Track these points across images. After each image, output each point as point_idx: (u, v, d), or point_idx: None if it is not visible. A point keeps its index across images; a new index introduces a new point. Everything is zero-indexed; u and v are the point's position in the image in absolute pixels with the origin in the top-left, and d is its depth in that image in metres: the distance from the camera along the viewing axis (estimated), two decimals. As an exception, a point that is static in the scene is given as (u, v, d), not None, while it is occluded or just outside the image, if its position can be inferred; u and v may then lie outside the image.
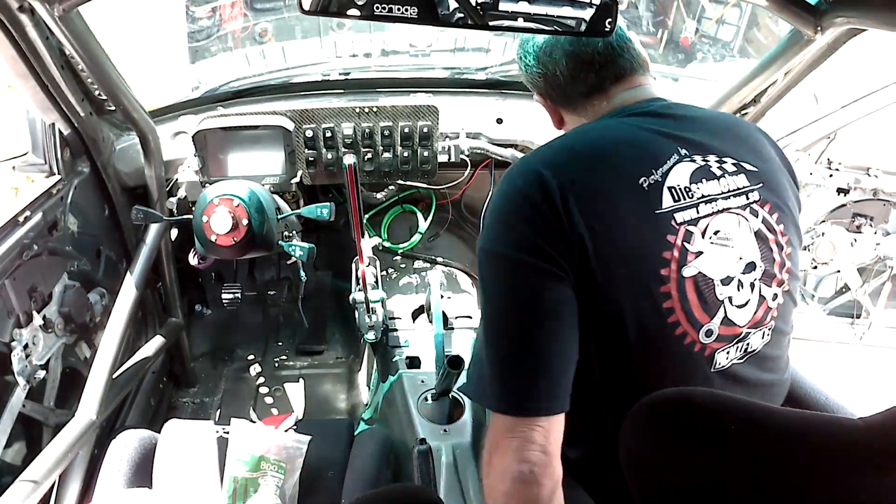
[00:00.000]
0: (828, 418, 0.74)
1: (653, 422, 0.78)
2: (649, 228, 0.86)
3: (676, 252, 0.86)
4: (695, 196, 0.89)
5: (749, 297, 0.92)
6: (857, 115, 1.85)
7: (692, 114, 0.99)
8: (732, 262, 0.91)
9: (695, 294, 0.88)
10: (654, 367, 0.90)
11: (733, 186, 0.93)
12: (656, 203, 0.87)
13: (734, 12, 3.57)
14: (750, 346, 0.95)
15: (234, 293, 1.98)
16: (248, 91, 1.93)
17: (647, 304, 0.86)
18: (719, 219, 0.90)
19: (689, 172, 0.90)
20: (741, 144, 0.97)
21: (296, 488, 1.35)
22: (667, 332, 0.88)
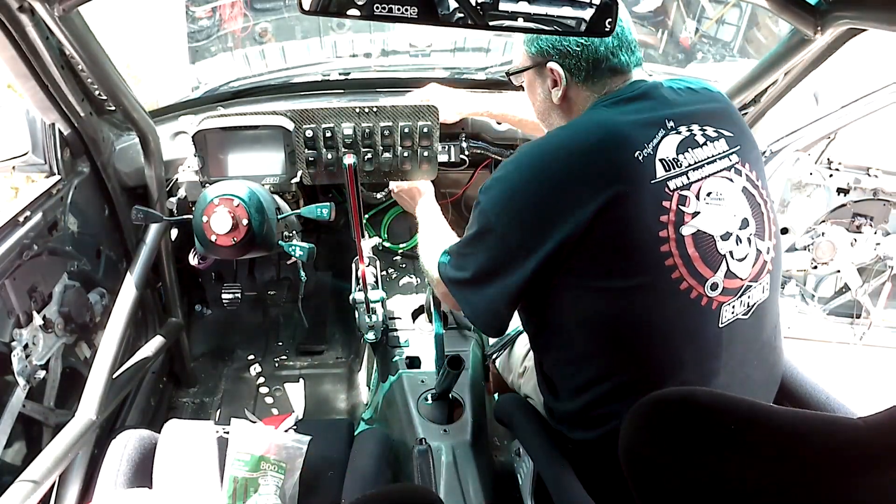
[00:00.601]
0: (828, 418, 0.74)
1: (653, 421, 0.78)
2: (647, 197, 0.95)
3: (672, 215, 0.95)
4: (683, 165, 0.99)
5: (748, 250, 1.01)
6: (857, 115, 1.85)
7: (676, 88, 1.08)
8: (728, 218, 0.99)
9: (695, 250, 0.96)
10: (667, 326, 0.97)
11: (717, 151, 1.02)
12: (651, 174, 0.96)
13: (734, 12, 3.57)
14: (751, 300, 1.02)
15: (234, 293, 1.98)
16: (248, 91, 1.93)
17: (651, 267, 0.95)
18: (709, 182, 1.00)
19: (676, 144, 0.99)
20: (719, 113, 1.07)
21: (296, 488, 1.35)
22: (672, 288, 0.95)
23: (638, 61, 1.11)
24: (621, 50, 1.08)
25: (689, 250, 0.95)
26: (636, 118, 1.01)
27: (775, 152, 1.94)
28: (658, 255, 0.94)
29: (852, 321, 2.27)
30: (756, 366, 1.06)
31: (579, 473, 1.07)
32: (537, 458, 1.14)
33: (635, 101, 1.05)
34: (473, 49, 2.41)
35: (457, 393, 1.59)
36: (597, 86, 1.10)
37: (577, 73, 1.10)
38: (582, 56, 1.08)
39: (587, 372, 1.04)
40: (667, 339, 0.97)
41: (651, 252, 0.95)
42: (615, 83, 1.10)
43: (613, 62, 1.08)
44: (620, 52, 1.08)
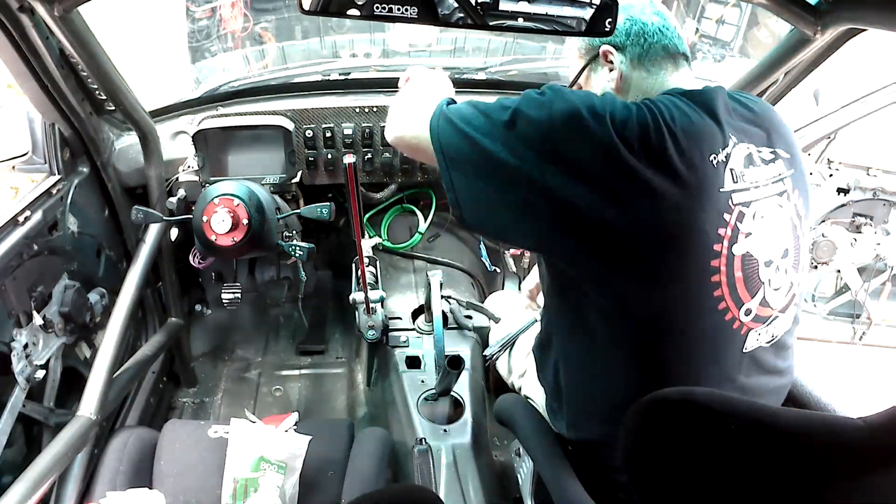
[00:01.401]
0: (829, 418, 0.74)
1: (654, 421, 0.78)
2: (712, 205, 0.88)
3: (730, 230, 0.90)
4: (747, 181, 0.92)
5: (783, 281, 0.97)
6: (857, 115, 1.85)
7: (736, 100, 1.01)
8: (773, 245, 0.95)
9: (741, 272, 0.92)
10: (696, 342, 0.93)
11: (773, 174, 0.96)
12: (720, 182, 0.89)
13: (734, 12, 3.57)
14: (776, 331, 1.00)
15: (234, 293, 1.98)
16: (248, 91, 1.93)
17: (697, 278, 0.89)
18: (764, 203, 0.94)
19: (743, 156, 0.93)
20: (775, 132, 1.00)
21: (296, 488, 1.35)
22: (712, 305, 0.91)
23: (685, 51, 1.05)
24: (669, 31, 1.03)
25: (735, 271, 0.91)
26: (713, 119, 0.92)
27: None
28: (707, 269, 0.89)
29: (852, 321, 2.27)
30: (767, 391, 1.04)
31: (579, 473, 1.07)
32: (537, 458, 1.14)
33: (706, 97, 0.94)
34: (473, 49, 2.41)
35: (457, 393, 1.59)
36: (654, 67, 1.03)
37: (630, 52, 1.04)
38: (632, 32, 1.03)
39: (602, 371, 1.00)
40: (691, 355, 0.94)
41: (701, 263, 0.89)
42: (670, 69, 1.03)
43: (664, 41, 1.03)
44: (669, 32, 1.03)
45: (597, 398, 1.04)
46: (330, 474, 1.37)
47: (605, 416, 1.03)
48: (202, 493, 1.34)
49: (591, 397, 1.06)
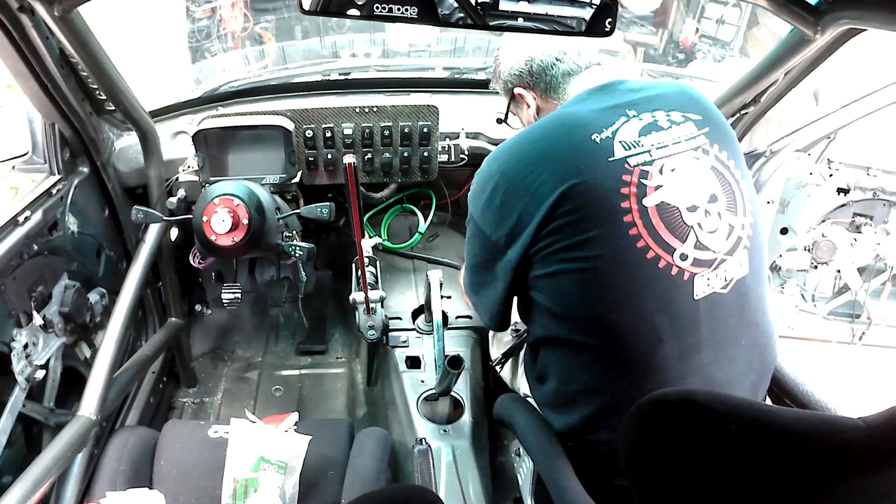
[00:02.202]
0: (829, 418, 0.75)
1: (654, 421, 0.78)
2: (604, 172, 1.00)
3: (634, 188, 0.99)
4: (645, 145, 1.03)
5: (718, 224, 1.03)
6: (857, 115, 1.84)
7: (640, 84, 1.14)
8: (694, 192, 1.02)
9: (660, 221, 0.99)
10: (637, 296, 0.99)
11: (682, 134, 1.06)
12: (609, 153, 1.01)
13: (734, 12, 3.57)
14: (728, 274, 1.03)
15: (234, 293, 1.98)
16: (248, 91, 1.93)
17: (615, 235, 0.98)
18: (674, 159, 1.04)
19: (638, 128, 1.04)
20: (685, 99, 1.13)
21: (296, 488, 1.35)
22: (638, 256, 0.98)
23: (589, 62, 1.19)
24: (566, 55, 1.17)
25: (653, 220, 0.98)
26: (596, 107, 1.07)
27: (775, 152, 1.94)
28: (621, 226, 0.98)
29: (852, 321, 2.26)
30: (744, 346, 1.07)
31: (579, 473, 1.07)
32: (537, 459, 1.14)
33: (596, 94, 1.12)
34: (473, 49, 2.41)
35: (457, 393, 1.59)
36: (559, 92, 1.20)
37: (536, 87, 1.22)
38: (532, 70, 1.20)
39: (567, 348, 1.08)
40: (638, 308, 0.99)
41: (613, 223, 0.98)
42: (576, 85, 1.18)
43: (563, 67, 1.18)
44: (565, 56, 1.17)
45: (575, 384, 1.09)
46: (330, 474, 1.37)
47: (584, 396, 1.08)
48: (202, 493, 1.34)
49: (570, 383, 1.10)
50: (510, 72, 1.24)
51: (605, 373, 1.04)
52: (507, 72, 1.25)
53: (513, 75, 1.24)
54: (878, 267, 2.20)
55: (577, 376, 1.08)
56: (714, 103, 1.61)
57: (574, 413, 1.10)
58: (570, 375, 1.10)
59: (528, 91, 1.23)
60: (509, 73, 1.24)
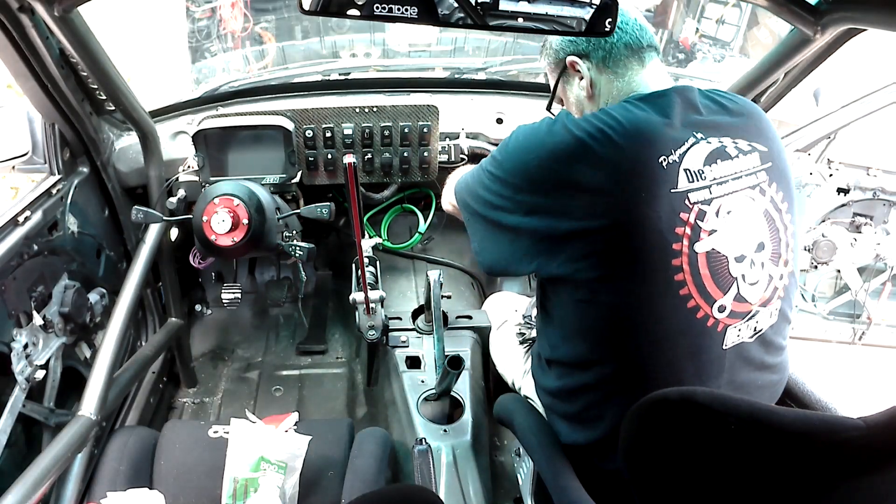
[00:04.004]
0: (829, 418, 0.74)
1: (654, 421, 0.78)
2: (665, 205, 0.91)
3: (689, 229, 0.92)
4: (707, 178, 0.95)
5: (759, 275, 0.98)
6: (857, 115, 1.85)
7: (710, 97, 1.04)
8: (745, 240, 0.96)
9: (707, 270, 0.93)
10: (668, 343, 0.95)
11: (745, 167, 0.98)
12: (672, 183, 0.92)
13: (734, 12, 3.57)
14: (758, 325, 1.00)
15: (234, 293, 1.98)
16: (248, 91, 1.93)
17: (659, 278, 0.92)
18: (731, 199, 0.96)
19: (704, 155, 0.95)
20: (753, 125, 1.03)
21: (296, 488, 1.35)
22: (678, 304, 0.93)
23: (651, 42, 1.09)
24: (628, 26, 1.07)
25: (700, 269, 0.93)
26: (666, 119, 0.97)
27: (775, 152, 1.94)
28: (669, 269, 0.92)
29: (852, 321, 2.26)
30: (759, 386, 1.05)
31: (579, 473, 1.07)
32: (537, 458, 1.14)
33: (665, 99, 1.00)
34: (473, 49, 2.41)
35: (457, 393, 1.59)
36: (618, 67, 1.07)
37: (594, 55, 1.09)
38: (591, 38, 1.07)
39: (588, 374, 1.04)
40: (668, 354, 0.96)
41: (662, 263, 0.92)
42: (636, 68, 1.07)
43: (624, 39, 1.06)
44: (628, 27, 1.07)
45: (584, 400, 1.07)
46: (330, 474, 1.37)
47: (593, 417, 1.06)
48: (202, 493, 1.34)
49: (579, 399, 1.08)
50: (564, 39, 1.11)
51: (619, 404, 1.00)
52: (561, 39, 1.12)
53: (568, 43, 1.11)
54: (878, 267, 2.21)
55: (591, 402, 1.06)
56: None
57: (583, 433, 1.08)
58: (586, 400, 1.07)
59: (583, 60, 1.10)
60: (562, 40, 1.12)
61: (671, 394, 0.77)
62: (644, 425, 0.80)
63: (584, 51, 1.09)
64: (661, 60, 1.11)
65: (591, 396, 1.05)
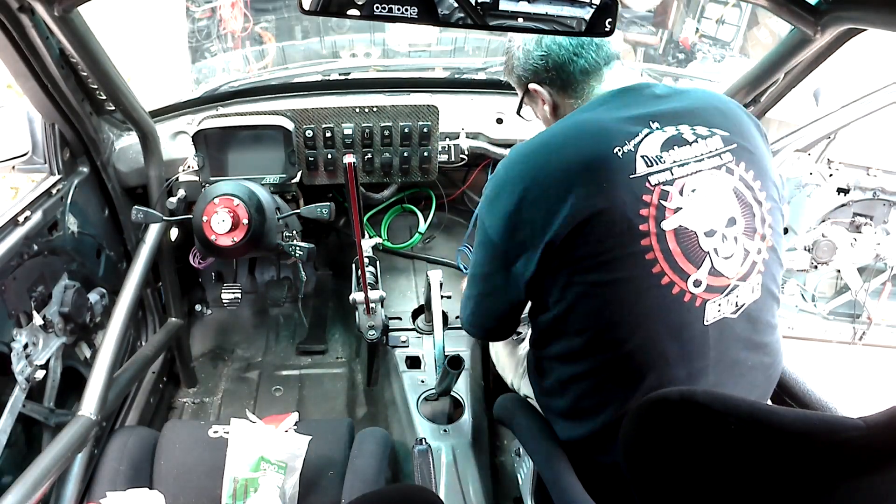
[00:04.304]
0: (829, 418, 0.74)
1: (653, 421, 0.78)
2: (625, 190, 0.96)
3: (653, 209, 0.96)
4: (667, 161, 0.99)
5: (734, 249, 1.00)
6: (857, 115, 1.85)
7: (665, 91, 1.09)
8: (713, 216, 0.99)
9: (677, 245, 0.96)
10: (649, 322, 0.97)
11: (706, 149, 1.01)
12: (630, 169, 0.97)
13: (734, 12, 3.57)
14: (739, 300, 1.01)
15: (234, 293, 1.98)
16: (248, 91, 1.93)
17: (631, 260, 0.95)
18: (695, 178, 0.99)
19: (661, 142, 0.99)
20: (714, 112, 1.06)
21: (296, 488, 1.35)
22: (653, 282, 0.96)
23: (609, 57, 1.12)
24: (583, 48, 1.11)
25: (670, 245, 0.96)
26: (619, 115, 1.02)
27: (775, 152, 1.94)
28: (638, 249, 0.95)
29: (852, 321, 2.26)
30: (750, 367, 1.05)
31: (579, 473, 1.07)
32: (537, 459, 1.14)
33: (619, 99, 1.07)
34: (473, 49, 2.41)
35: (457, 393, 1.59)
36: (577, 91, 1.14)
37: (553, 84, 1.15)
38: (549, 66, 1.13)
39: (577, 366, 1.06)
40: (649, 334, 0.98)
41: (631, 246, 0.95)
42: (594, 84, 1.12)
43: (580, 63, 1.11)
44: (583, 50, 1.11)
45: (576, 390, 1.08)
46: (330, 474, 1.37)
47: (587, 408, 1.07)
48: (202, 493, 1.34)
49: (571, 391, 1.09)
50: (524, 66, 1.17)
51: (611, 392, 1.03)
52: (522, 66, 1.18)
53: (528, 70, 1.17)
54: (878, 267, 2.21)
55: (583, 393, 1.07)
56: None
57: (579, 427, 1.09)
58: (577, 391, 1.08)
59: (543, 87, 1.17)
60: (524, 67, 1.17)
61: (671, 394, 0.77)
62: (644, 425, 0.80)
63: (544, 79, 1.16)
64: (621, 63, 1.15)
65: (583, 388, 1.06)
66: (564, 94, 1.15)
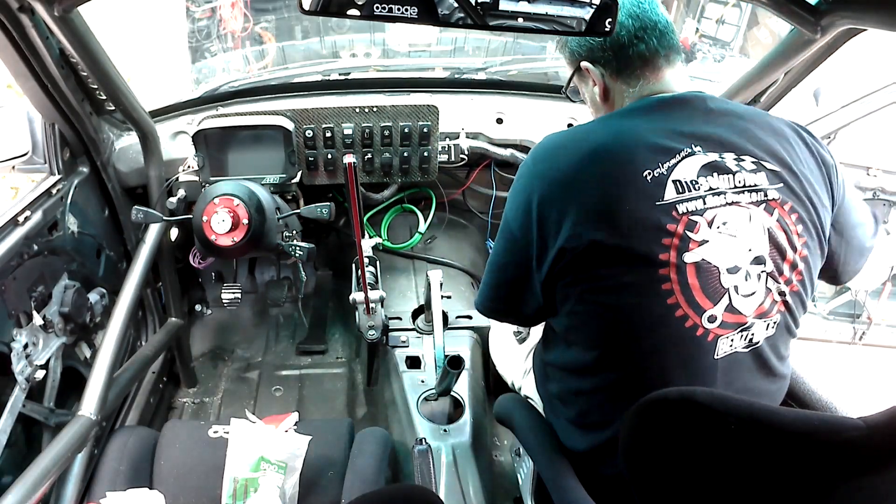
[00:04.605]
0: (829, 418, 0.74)
1: (654, 421, 0.78)
2: (647, 218, 0.91)
3: (676, 240, 0.91)
4: (702, 188, 0.92)
5: (756, 287, 0.95)
6: (857, 115, 1.85)
7: (721, 108, 1.01)
8: (740, 252, 0.94)
9: (696, 280, 0.92)
10: (658, 352, 0.95)
11: (748, 182, 0.95)
12: (658, 196, 0.91)
13: (734, 12, 3.57)
14: (754, 337, 0.98)
15: (234, 293, 1.98)
16: (248, 91, 1.93)
17: (647, 288, 0.92)
18: (728, 211, 0.93)
19: (699, 166, 0.93)
20: (767, 143, 0.98)
21: (296, 488, 1.35)
22: (666, 312, 0.92)
23: (672, 49, 1.04)
24: (646, 33, 1.02)
25: (689, 279, 0.91)
26: (661, 126, 0.96)
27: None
28: (655, 278, 0.91)
29: (852, 321, 2.27)
30: (756, 394, 1.03)
31: (579, 473, 1.07)
32: (537, 458, 1.14)
33: (666, 109, 1.00)
34: (473, 49, 2.41)
35: (457, 393, 1.59)
36: (631, 78, 1.05)
37: (608, 66, 1.07)
38: (606, 45, 1.05)
39: (584, 381, 1.05)
40: (658, 363, 0.95)
41: (648, 274, 0.91)
42: (650, 77, 1.04)
43: (639, 48, 1.03)
44: (645, 35, 1.02)
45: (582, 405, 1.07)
46: (330, 474, 1.37)
47: (591, 423, 1.06)
48: (202, 493, 1.34)
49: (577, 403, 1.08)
50: (580, 41, 1.09)
51: (615, 411, 1.00)
52: (578, 41, 1.09)
53: (583, 46, 1.08)
54: (878, 267, 2.20)
55: (588, 407, 1.06)
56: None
57: (582, 439, 1.08)
58: (582, 405, 1.07)
59: (597, 67, 1.08)
60: (579, 42, 1.09)
61: (671, 394, 0.77)
62: (644, 425, 0.80)
63: (598, 58, 1.07)
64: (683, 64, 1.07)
65: (590, 402, 1.05)
66: (619, 77, 1.07)
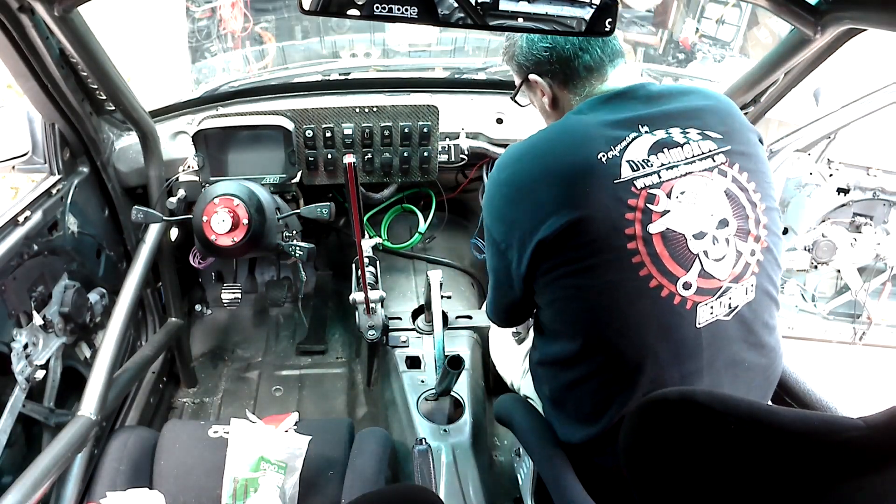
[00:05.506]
0: (829, 418, 0.74)
1: (653, 421, 0.78)
2: (609, 195, 0.95)
3: (639, 213, 0.95)
4: (654, 165, 0.98)
5: (725, 251, 0.99)
6: (857, 115, 1.85)
7: (660, 91, 1.07)
8: (703, 218, 0.98)
9: (664, 248, 0.96)
10: (640, 325, 0.97)
11: (698, 151, 1.00)
12: (615, 174, 0.96)
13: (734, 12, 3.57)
14: (733, 302, 1.00)
15: (234, 293, 1.98)
16: (248, 91, 1.93)
17: (617, 263, 0.95)
18: (684, 181, 0.98)
19: (648, 145, 0.99)
20: (708, 113, 1.05)
21: (296, 488, 1.35)
22: (641, 285, 0.95)
23: (615, 54, 1.10)
24: (590, 44, 1.08)
25: (657, 248, 0.95)
26: (607, 118, 1.02)
27: (775, 152, 1.94)
28: (624, 253, 0.95)
29: (852, 321, 2.27)
30: (747, 368, 1.04)
31: (579, 473, 1.07)
32: (537, 459, 1.14)
33: (611, 102, 1.05)
34: (473, 49, 2.41)
35: (457, 393, 1.59)
36: (578, 87, 1.11)
37: (555, 77, 1.13)
38: (553, 59, 1.10)
39: (574, 371, 1.06)
40: (641, 337, 0.97)
41: (617, 249, 0.95)
42: (595, 83, 1.10)
43: (585, 59, 1.09)
44: (589, 46, 1.08)
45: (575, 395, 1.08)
46: (330, 474, 1.37)
47: (586, 414, 1.07)
48: (202, 493, 1.34)
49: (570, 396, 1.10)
50: (527, 55, 1.13)
51: (608, 396, 1.03)
52: (524, 54, 1.14)
53: (530, 60, 1.14)
54: (878, 267, 2.21)
55: (582, 398, 1.07)
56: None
57: (580, 431, 1.09)
58: (576, 397, 1.08)
59: (544, 79, 1.14)
60: (526, 56, 1.14)
61: (671, 394, 0.77)
62: (644, 425, 0.80)
63: (546, 71, 1.13)
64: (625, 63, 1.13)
65: (582, 393, 1.06)
66: (565, 88, 1.13)
